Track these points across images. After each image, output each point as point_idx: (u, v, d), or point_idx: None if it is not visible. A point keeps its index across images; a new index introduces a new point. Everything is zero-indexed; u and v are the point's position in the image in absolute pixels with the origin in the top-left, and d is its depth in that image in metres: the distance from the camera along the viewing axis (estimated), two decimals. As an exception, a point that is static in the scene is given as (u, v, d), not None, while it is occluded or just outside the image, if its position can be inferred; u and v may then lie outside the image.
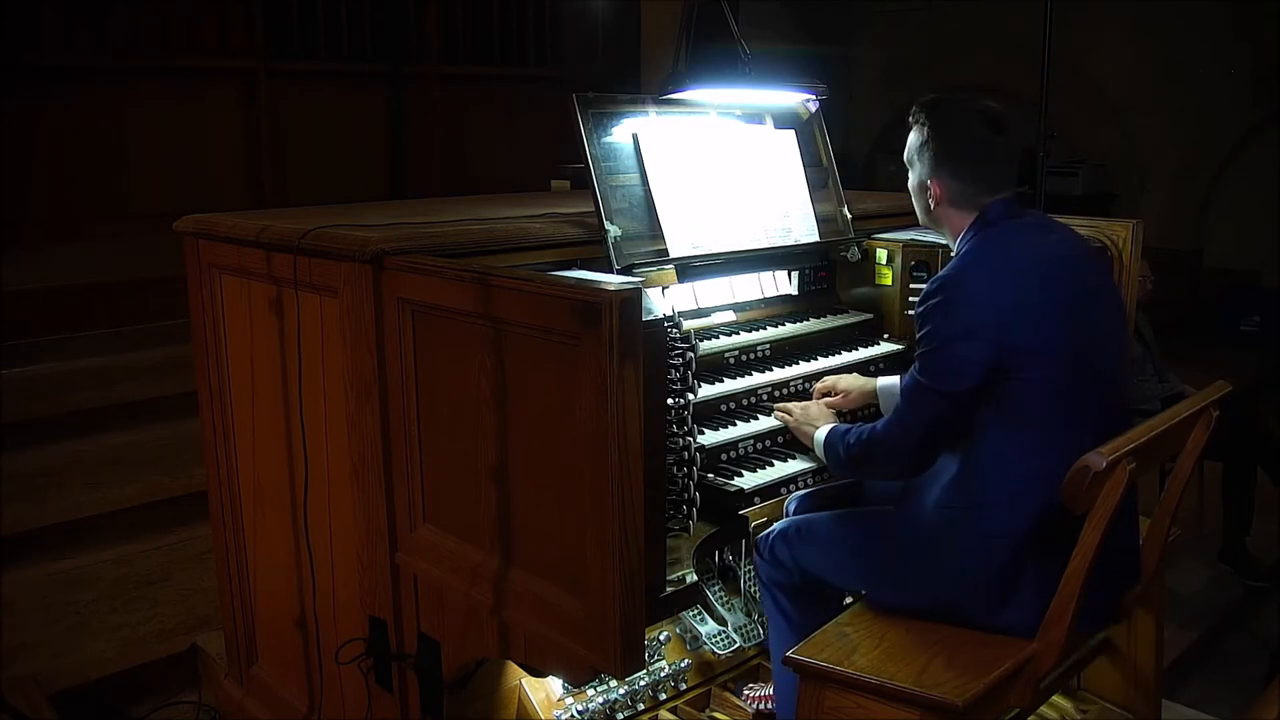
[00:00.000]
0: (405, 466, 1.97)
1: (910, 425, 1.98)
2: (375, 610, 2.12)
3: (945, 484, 1.96)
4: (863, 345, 2.72)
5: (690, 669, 2.53)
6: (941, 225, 2.13)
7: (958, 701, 1.73)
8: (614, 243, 2.21)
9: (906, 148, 2.15)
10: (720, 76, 2.51)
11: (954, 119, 2.06)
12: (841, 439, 2.14)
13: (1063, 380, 1.89)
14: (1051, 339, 1.88)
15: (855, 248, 2.78)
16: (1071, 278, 1.97)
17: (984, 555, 1.91)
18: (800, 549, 2.17)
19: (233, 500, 2.57)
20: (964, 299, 1.91)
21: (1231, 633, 3.70)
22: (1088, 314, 1.96)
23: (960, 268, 1.98)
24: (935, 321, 1.93)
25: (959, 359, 1.89)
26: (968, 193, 2.04)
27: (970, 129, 2.04)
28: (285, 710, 2.54)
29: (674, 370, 1.90)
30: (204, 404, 2.58)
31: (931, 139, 2.06)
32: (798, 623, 2.19)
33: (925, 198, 2.11)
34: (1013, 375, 1.87)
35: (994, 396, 1.90)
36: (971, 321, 1.89)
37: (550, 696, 2.29)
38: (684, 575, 1.92)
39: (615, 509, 1.55)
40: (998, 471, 1.90)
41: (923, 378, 1.94)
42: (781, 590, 2.22)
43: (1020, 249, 1.98)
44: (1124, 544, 2.07)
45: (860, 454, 2.09)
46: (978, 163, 2.03)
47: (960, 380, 1.89)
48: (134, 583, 3.36)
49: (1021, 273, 1.92)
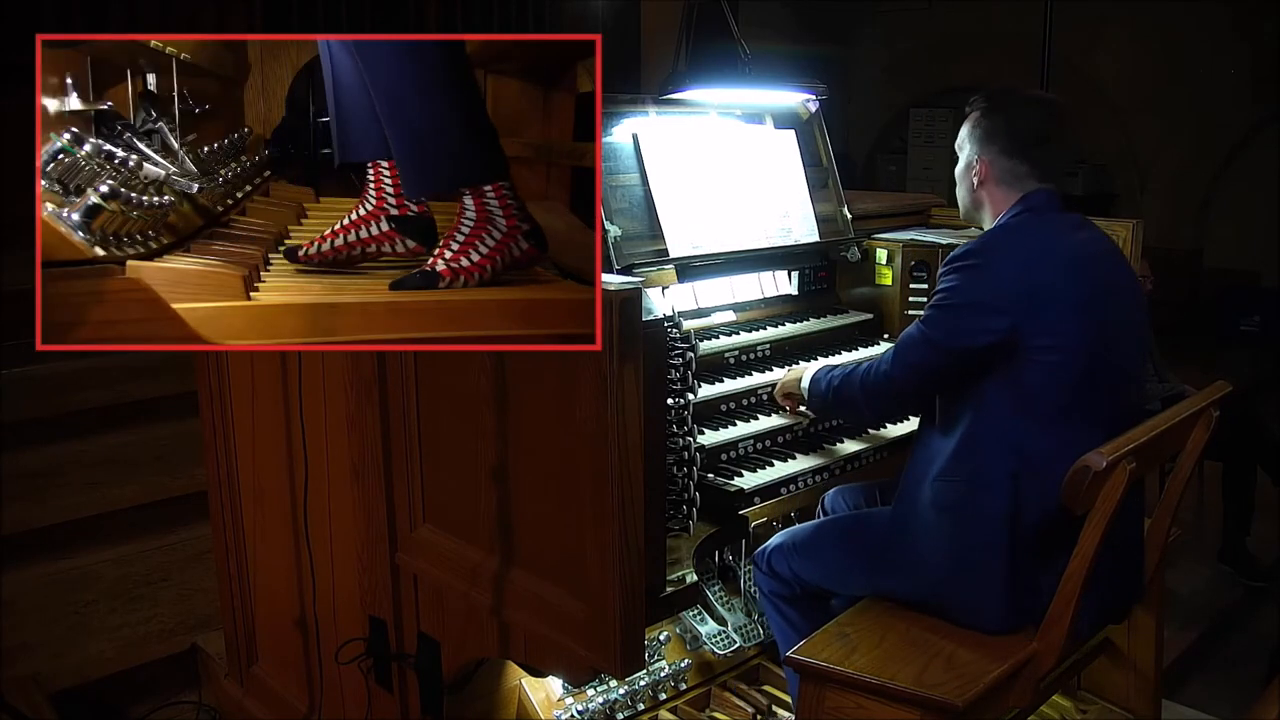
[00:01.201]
0: (405, 466, 1.97)
1: (896, 372, 2.01)
2: (375, 610, 2.12)
3: (947, 457, 1.96)
4: (863, 345, 2.73)
5: (690, 669, 2.53)
6: (983, 206, 2.12)
7: (958, 701, 1.73)
8: (614, 243, 2.21)
9: (959, 136, 2.16)
10: (720, 76, 2.51)
11: (1016, 103, 2.09)
12: (826, 374, 2.19)
13: (1077, 370, 1.89)
14: (1072, 329, 1.89)
15: (855, 248, 2.78)
16: (1100, 275, 1.98)
17: (983, 539, 1.91)
18: (798, 562, 2.18)
19: (233, 500, 2.57)
20: (999, 269, 1.92)
21: (1231, 633, 3.70)
22: (1112, 313, 1.97)
23: (999, 239, 2.00)
24: (960, 280, 1.94)
25: (976, 323, 1.90)
26: (1018, 172, 2.05)
27: (1030, 114, 2.07)
28: (285, 710, 2.55)
29: (674, 370, 1.90)
30: (204, 404, 2.58)
31: (986, 118, 2.08)
32: (805, 630, 2.19)
33: (970, 177, 2.11)
34: (1027, 356, 1.88)
35: (1006, 373, 1.90)
36: (1000, 292, 1.90)
37: (550, 696, 2.29)
38: (684, 575, 1.92)
39: (615, 509, 1.55)
40: (999, 446, 1.90)
41: (928, 328, 1.96)
42: (784, 601, 2.23)
43: (1057, 238, 1.99)
44: (1128, 546, 2.07)
45: (841, 390, 2.13)
46: (1032, 145, 2.04)
47: (966, 340, 1.91)
48: (134, 583, 3.35)
49: (1054, 261, 1.93)
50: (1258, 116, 7.32)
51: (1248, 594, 3.91)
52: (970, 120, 2.12)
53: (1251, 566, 3.97)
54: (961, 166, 2.15)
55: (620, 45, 7.18)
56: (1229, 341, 7.22)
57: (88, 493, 3.60)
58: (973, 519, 1.92)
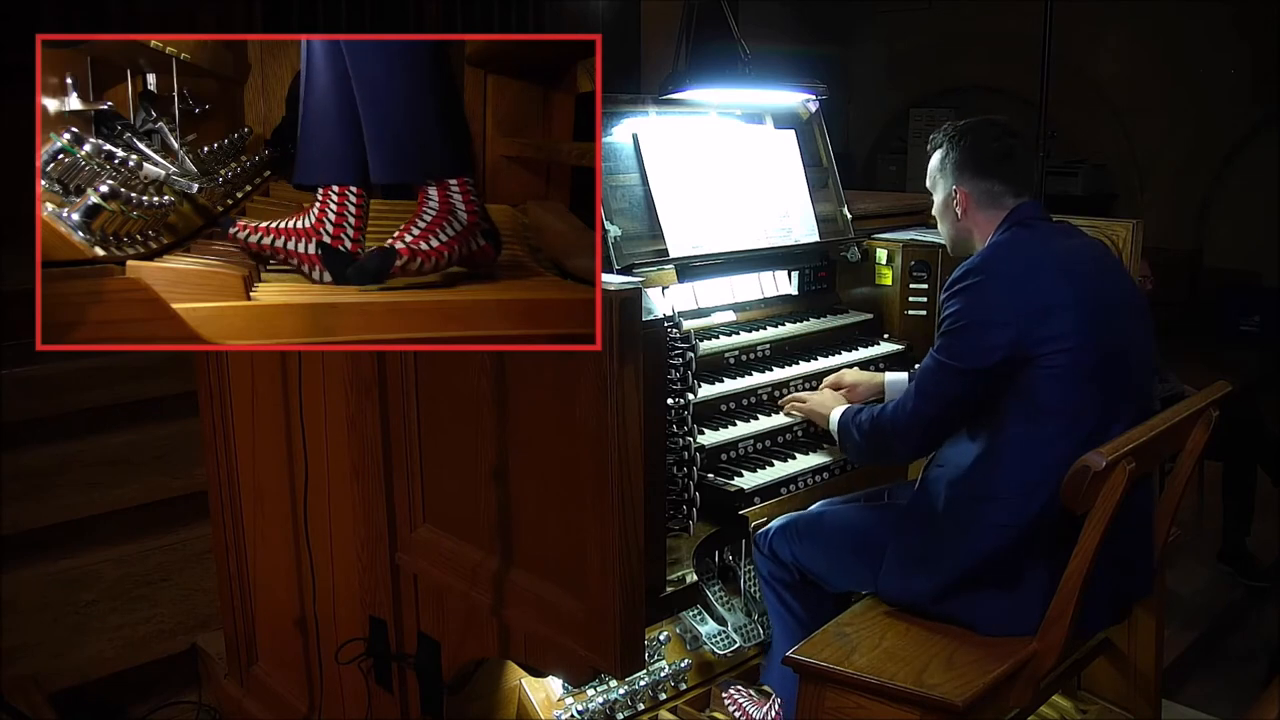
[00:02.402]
0: (405, 466, 1.97)
1: (921, 406, 2.02)
2: (375, 610, 2.12)
3: (963, 470, 1.97)
4: (863, 345, 2.72)
5: (690, 669, 2.53)
6: (972, 235, 2.17)
7: (958, 701, 1.73)
8: (614, 243, 2.21)
9: (928, 173, 2.23)
10: (720, 76, 2.51)
11: (970, 130, 2.16)
12: (854, 419, 2.19)
13: (1085, 373, 1.91)
14: (1073, 333, 1.90)
15: (855, 248, 2.78)
16: (1100, 280, 2.01)
17: (993, 544, 1.92)
18: (800, 547, 2.18)
19: (233, 500, 2.57)
20: (997, 284, 1.95)
21: (1231, 633, 3.70)
22: (1116, 317, 1.99)
23: (995, 255, 2.03)
24: (965, 301, 1.96)
25: (984, 340, 1.92)
26: (995, 192, 2.11)
27: (987, 135, 2.14)
28: (285, 710, 2.55)
29: (674, 370, 1.90)
30: (204, 404, 2.58)
31: (953, 150, 2.16)
32: (804, 619, 2.19)
33: (953, 208, 2.17)
34: (1036, 364, 1.90)
35: (1017, 386, 1.92)
36: (1002, 305, 1.92)
37: (550, 696, 2.29)
38: (684, 575, 1.92)
39: (615, 509, 1.55)
40: (1017, 463, 1.92)
41: (943, 355, 1.98)
42: (785, 587, 2.23)
43: (1052, 246, 2.03)
44: (1134, 547, 2.07)
45: (871, 433, 2.13)
46: (999, 162, 2.11)
47: (981, 359, 1.92)
48: (134, 583, 3.36)
49: (1053, 268, 1.96)
50: (1258, 116, 7.31)
51: (1248, 594, 3.91)
52: (936, 158, 2.20)
53: (1251, 566, 3.97)
54: (940, 202, 2.21)
55: (620, 45, 7.18)
56: (1229, 341, 7.21)
57: (88, 493, 3.61)
58: (986, 529, 1.93)
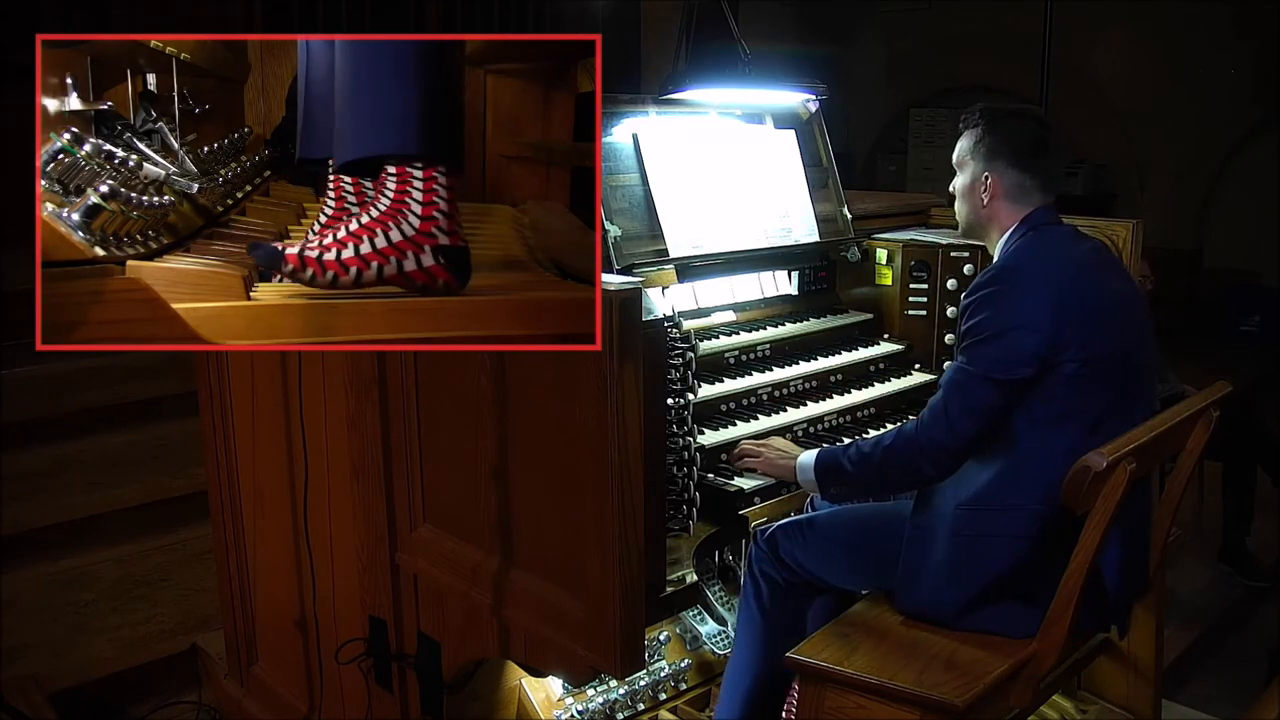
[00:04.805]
0: (405, 466, 1.97)
1: (957, 420, 1.91)
2: (375, 610, 2.12)
3: (980, 485, 1.93)
4: (863, 345, 2.72)
5: (690, 669, 2.53)
6: (989, 225, 2.12)
7: (958, 701, 1.73)
8: (614, 243, 2.20)
9: (956, 151, 2.16)
10: (720, 76, 2.51)
11: (1008, 117, 2.10)
12: (843, 454, 2.04)
13: (1101, 376, 1.90)
14: (1093, 337, 1.90)
15: (855, 248, 2.78)
16: (1110, 284, 2.00)
17: (1019, 554, 1.91)
18: (805, 549, 2.14)
19: (233, 500, 2.57)
20: (1021, 290, 1.92)
21: (1231, 633, 3.70)
22: (1126, 319, 1.98)
23: (1015, 262, 2.01)
24: (990, 310, 1.92)
25: (1016, 347, 1.89)
26: (1027, 186, 2.06)
27: (1025, 125, 2.09)
28: (285, 710, 2.55)
29: (674, 370, 1.90)
30: (204, 404, 2.58)
31: (988, 135, 2.09)
32: (771, 620, 2.14)
33: (978, 194, 2.11)
34: (1058, 370, 1.89)
35: (1036, 393, 1.90)
36: (1029, 311, 1.90)
37: (550, 696, 2.29)
38: (684, 575, 1.92)
39: (615, 509, 1.55)
40: (1038, 471, 1.89)
41: (974, 367, 1.91)
42: (768, 583, 2.17)
43: (1064, 252, 2.01)
44: (1135, 546, 2.07)
45: (882, 464, 1.99)
46: (1035, 156, 2.06)
47: (1016, 369, 1.88)
48: (134, 583, 3.36)
49: (1067, 274, 1.95)
50: (1257, 117, 7.31)
51: (1248, 594, 3.91)
52: (970, 137, 2.12)
53: (1251, 566, 3.97)
54: (966, 182, 2.14)
55: (620, 45, 7.18)
56: (1229, 341, 7.20)
57: (88, 493, 3.61)
58: (1010, 541, 1.92)
